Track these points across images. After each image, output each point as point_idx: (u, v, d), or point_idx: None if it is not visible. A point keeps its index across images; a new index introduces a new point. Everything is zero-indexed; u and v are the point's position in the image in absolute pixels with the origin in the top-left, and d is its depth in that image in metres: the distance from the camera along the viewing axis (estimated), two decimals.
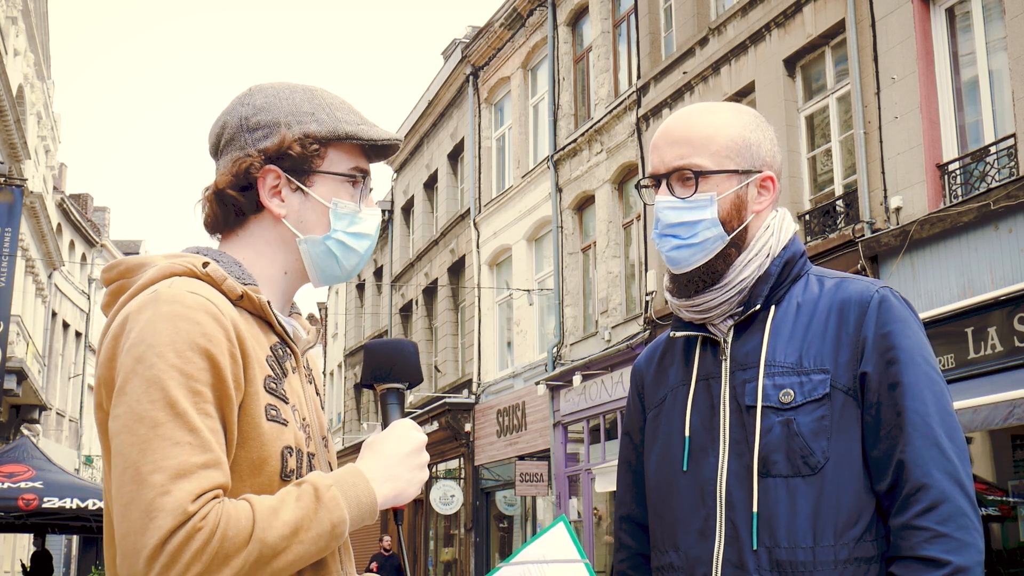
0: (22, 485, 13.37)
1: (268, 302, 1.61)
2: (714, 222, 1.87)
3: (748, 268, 1.88)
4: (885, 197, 11.72)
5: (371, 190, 1.73)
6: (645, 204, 1.96)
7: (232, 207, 1.65)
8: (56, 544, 31.24)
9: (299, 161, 1.64)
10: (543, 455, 19.57)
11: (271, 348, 1.62)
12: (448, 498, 21.78)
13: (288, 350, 1.65)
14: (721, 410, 1.86)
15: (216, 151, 1.69)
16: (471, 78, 24.21)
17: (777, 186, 1.94)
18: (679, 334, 1.96)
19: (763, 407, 1.80)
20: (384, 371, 1.72)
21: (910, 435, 1.74)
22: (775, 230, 1.92)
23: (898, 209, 11.49)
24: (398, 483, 1.59)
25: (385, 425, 1.68)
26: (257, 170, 1.63)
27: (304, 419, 1.63)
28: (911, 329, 1.82)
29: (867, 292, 1.84)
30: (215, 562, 1.39)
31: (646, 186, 1.96)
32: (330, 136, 1.64)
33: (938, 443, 1.74)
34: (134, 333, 1.47)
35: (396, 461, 1.60)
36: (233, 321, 1.52)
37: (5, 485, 13.35)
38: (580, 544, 1.94)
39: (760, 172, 1.91)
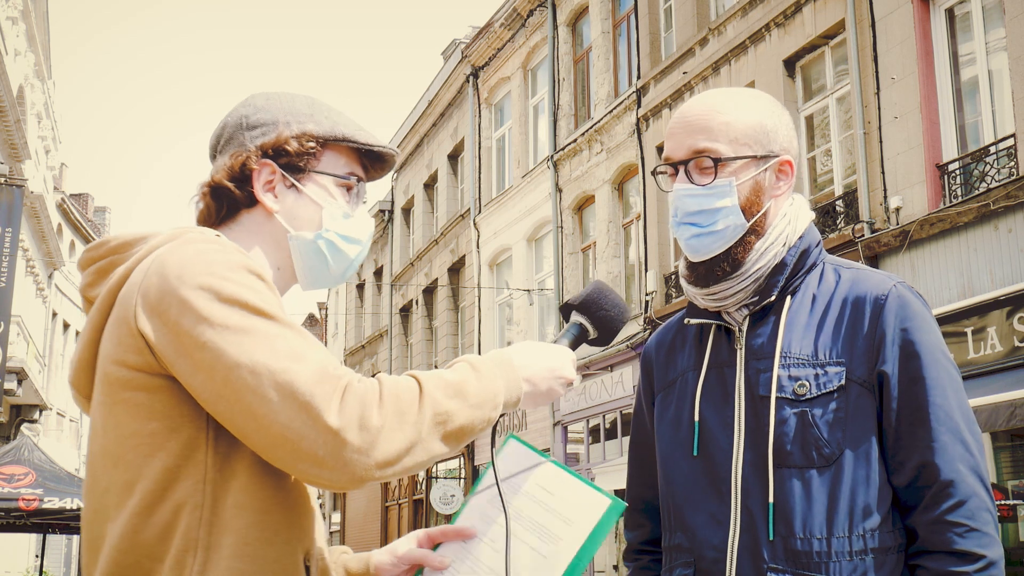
0: (22, 486, 13.37)
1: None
2: (734, 209, 1.85)
3: (764, 257, 1.87)
4: (885, 197, 11.72)
5: (364, 201, 1.75)
6: (661, 190, 1.96)
7: (225, 201, 1.64)
8: (56, 544, 31.25)
9: (295, 158, 1.65)
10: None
11: None
12: (448, 498, 21.78)
13: None
14: (736, 399, 1.85)
15: (214, 152, 1.71)
16: (471, 78, 24.20)
17: (795, 171, 1.93)
18: (694, 321, 1.96)
19: (777, 398, 1.80)
20: (594, 309, 1.80)
21: (936, 430, 1.75)
22: (791, 218, 1.90)
23: (898, 209, 11.49)
24: (536, 387, 1.66)
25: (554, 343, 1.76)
26: (253, 163, 1.64)
27: None
28: (929, 325, 1.82)
29: (883, 286, 1.83)
30: (395, 414, 1.41)
31: (662, 172, 1.94)
32: (327, 136, 1.66)
33: (963, 438, 1.76)
34: (181, 267, 1.43)
35: (542, 369, 1.67)
36: None
37: (5, 487, 13.35)
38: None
39: (778, 157, 1.90)
